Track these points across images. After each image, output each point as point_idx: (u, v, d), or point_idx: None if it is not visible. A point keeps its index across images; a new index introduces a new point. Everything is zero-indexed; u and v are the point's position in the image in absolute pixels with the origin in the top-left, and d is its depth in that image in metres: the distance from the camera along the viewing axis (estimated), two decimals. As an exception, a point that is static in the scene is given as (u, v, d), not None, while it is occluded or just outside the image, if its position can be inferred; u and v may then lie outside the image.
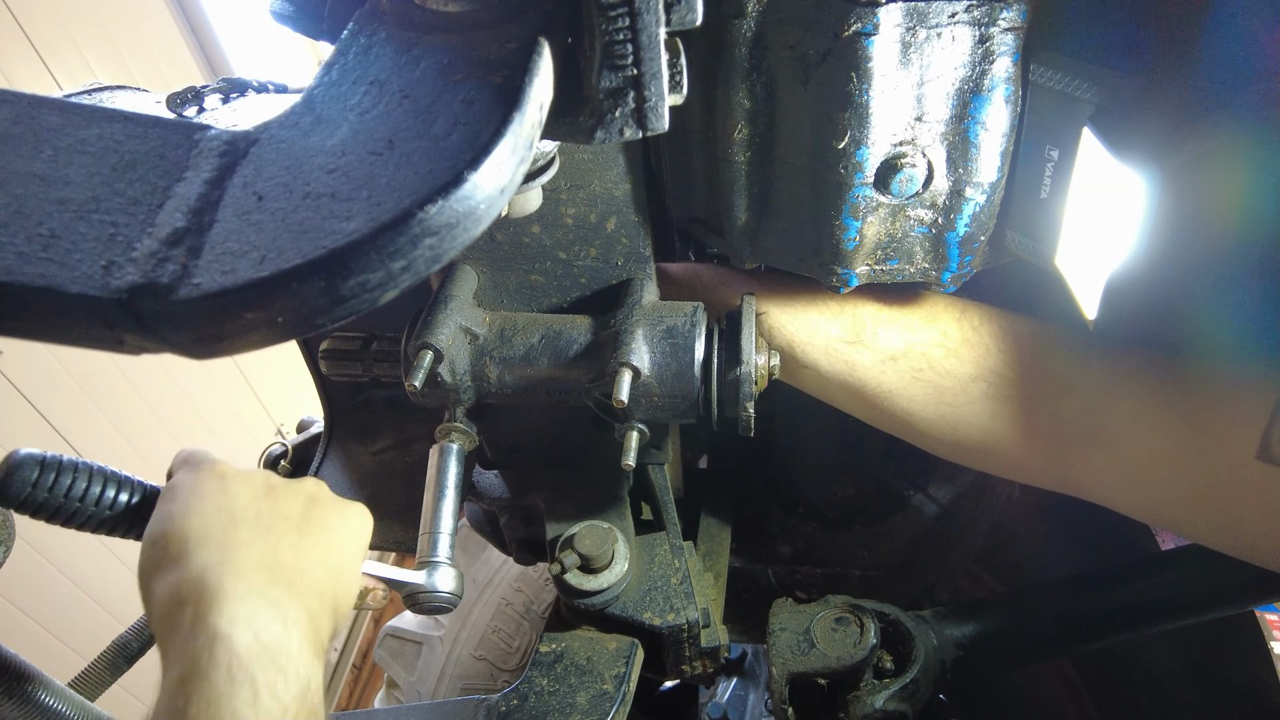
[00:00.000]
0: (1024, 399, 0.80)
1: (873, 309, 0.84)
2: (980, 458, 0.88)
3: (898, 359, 0.83)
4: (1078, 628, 0.99)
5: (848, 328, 0.84)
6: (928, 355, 0.82)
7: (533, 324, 0.79)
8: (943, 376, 0.82)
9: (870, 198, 0.69)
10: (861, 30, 0.60)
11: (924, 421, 0.84)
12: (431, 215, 0.36)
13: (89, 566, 2.43)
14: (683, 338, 0.75)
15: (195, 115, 0.82)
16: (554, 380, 0.78)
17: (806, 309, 0.85)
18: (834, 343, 0.84)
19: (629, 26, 0.41)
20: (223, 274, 0.35)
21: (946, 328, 0.82)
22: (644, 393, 0.75)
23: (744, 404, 0.76)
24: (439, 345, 0.74)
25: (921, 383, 0.82)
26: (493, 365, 0.77)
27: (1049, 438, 0.80)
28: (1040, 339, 0.81)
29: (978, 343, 0.81)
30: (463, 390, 0.78)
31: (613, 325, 0.76)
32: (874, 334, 0.83)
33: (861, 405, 0.89)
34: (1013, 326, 0.82)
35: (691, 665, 1.01)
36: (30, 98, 0.42)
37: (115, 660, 0.89)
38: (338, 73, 0.44)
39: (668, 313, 0.77)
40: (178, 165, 0.40)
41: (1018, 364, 0.80)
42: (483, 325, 0.78)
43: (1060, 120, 0.62)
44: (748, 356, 0.75)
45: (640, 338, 0.74)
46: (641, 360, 0.73)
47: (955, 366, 0.81)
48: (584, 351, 0.77)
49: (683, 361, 0.75)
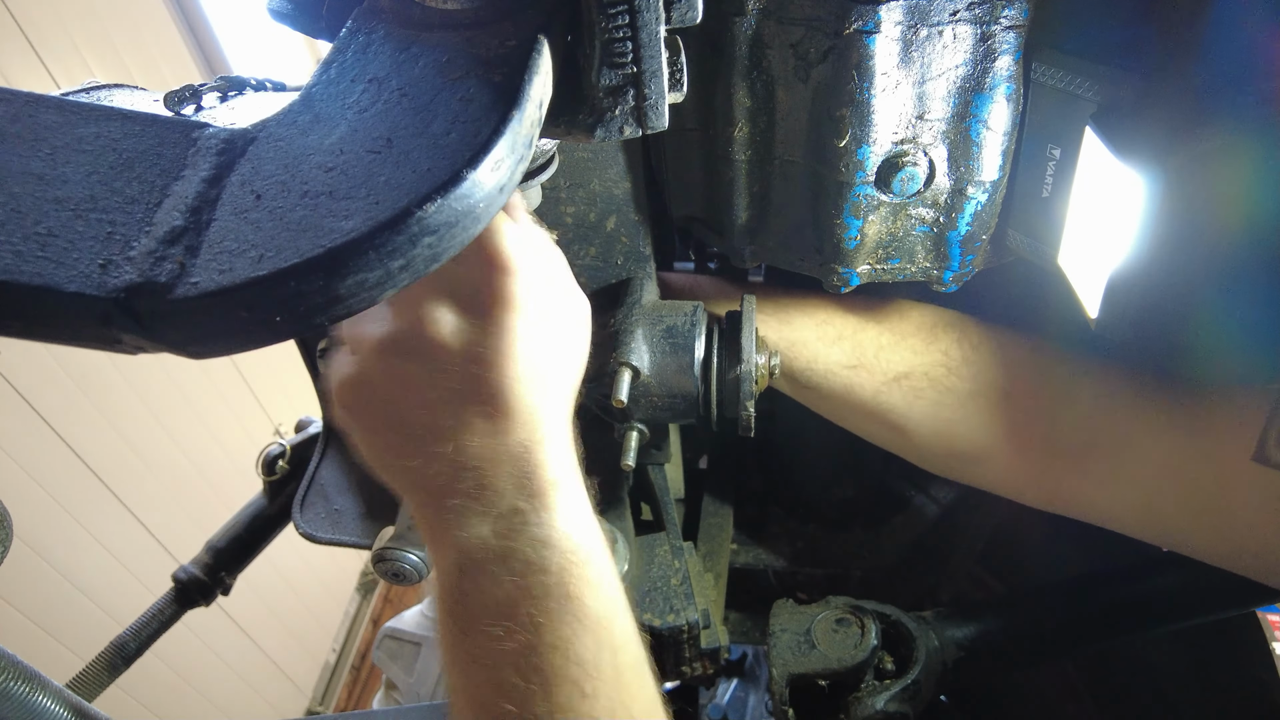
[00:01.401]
0: (1020, 413, 0.81)
1: (873, 332, 0.85)
2: (974, 472, 0.88)
3: (900, 381, 0.83)
4: (1080, 629, 0.99)
5: (849, 353, 0.84)
6: (930, 375, 0.82)
7: None
8: (943, 394, 0.82)
9: (871, 196, 0.69)
10: (862, 28, 0.60)
11: (920, 437, 0.85)
12: (430, 214, 0.36)
13: (88, 566, 2.43)
14: (682, 337, 0.75)
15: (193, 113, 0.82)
16: None
17: (806, 334, 0.86)
18: (835, 367, 0.85)
19: (629, 24, 0.40)
20: (220, 273, 0.35)
21: (948, 348, 0.83)
22: (643, 392, 0.75)
23: (744, 403, 0.75)
24: None
25: (923, 401, 0.83)
26: None
27: (1044, 451, 0.81)
28: (1037, 354, 0.82)
29: (976, 360, 0.82)
30: None
31: (612, 325, 0.76)
32: (875, 358, 0.84)
33: (861, 423, 0.89)
34: (1010, 343, 0.83)
35: (691, 666, 1.01)
36: (27, 96, 0.42)
37: (113, 660, 0.89)
38: (336, 71, 0.43)
39: (668, 312, 0.77)
40: (175, 164, 0.40)
41: (1015, 380, 0.81)
42: None
43: (1062, 119, 0.62)
44: (748, 355, 0.75)
45: (640, 337, 0.74)
46: (641, 359, 0.73)
47: (955, 384, 0.82)
48: None
49: (682, 361, 0.74)
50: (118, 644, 0.90)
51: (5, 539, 0.74)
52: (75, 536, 2.39)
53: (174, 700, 2.74)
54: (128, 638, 0.91)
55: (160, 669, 2.65)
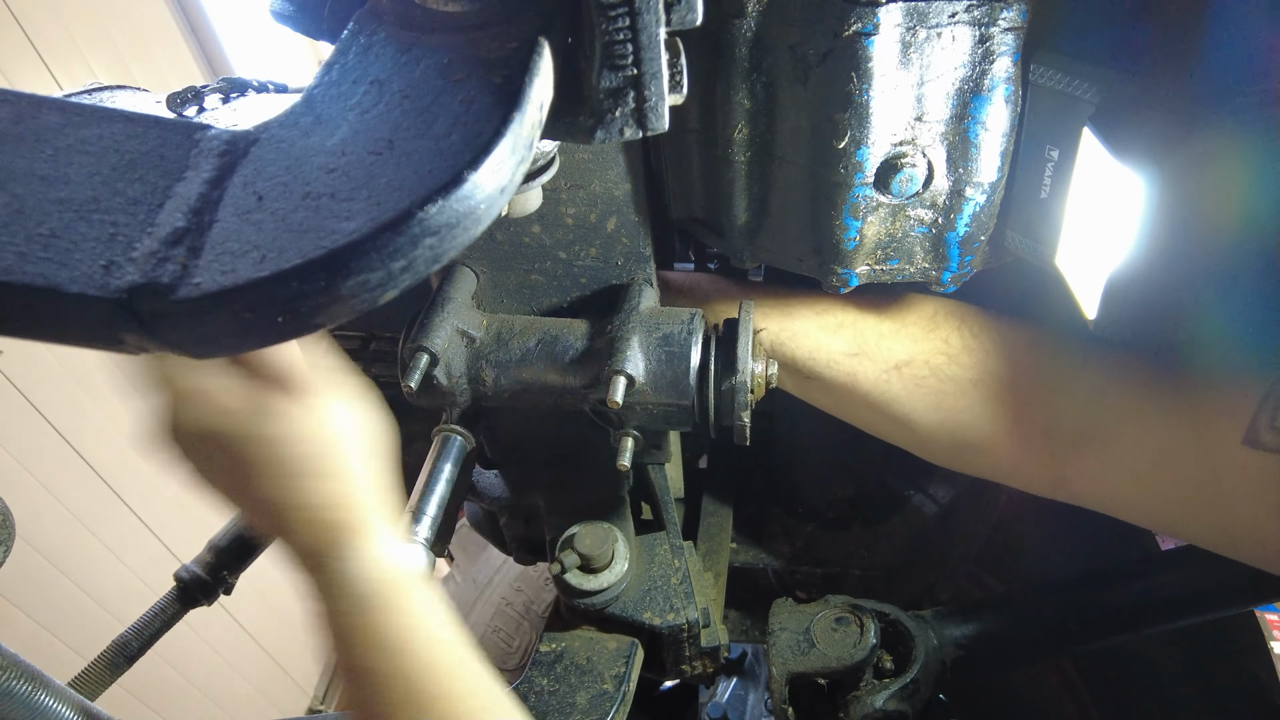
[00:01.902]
0: (1021, 402, 0.81)
1: (874, 320, 0.85)
2: (977, 462, 0.88)
3: (901, 368, 0.83)
4: (1078, 628, 0.99)
5: (850, 340, 0.85)
6: (930, 363, 0.83)
7: (530, 328, 0.79)
8: (944, 383, 0.82)
9: (870, 197, 0.69)
10: (861, 30, 0.60)
11: (924, 428, 0.85)
12: (431, 215, 0.36)
13: (90, 566, 2.43)
14: (679, 345, 0.74)
15: (195, 115, 0.82)
16: (549, 385, 0.77)
17: (807, 324, 0.86)
18: (836, 355, 0.85)
19: (629, 26, 0.41)
20: (223, 274, 0.35)
21: (948, 335, 0.83)
22: (638, 400, 0.74)
23: (739, 412, 0.75)
24: (435, 349, 0.74)
25: (923, 390, 0.83)
26: (489, 368, 0.77)
27: (1045, 439, 0.81)
28: (1037, 343, 0.82)
29: (977, 349, 0.82)
30: (459, 393, 0.78)
31: (609, 331, 0.75)
32: (876, 345, 0.84)
33: (864, 414, 0.89)
34: (1010, 331, 0.83)
35: (691, 665, 1.01)
36: (30, 97, 0.42)
37: (115, 659, 0.89)
38: (338, 72, 0.44)
39: (665, 319, 0.76)
40: (178, 165, 0.40)
41: (1015, 368, 0.81)
42: (479, 328, 0.78)
43: (1060, 120, 0.62)
44: (743, 364, 0.74)
45: (636, 345, 0.73)
46: (636, 368, 0.73)
47: (956, 373, 0.82)
48: (580, 357, 0.76)
49: (678, 370, 0.74)
50: (120, 643, 0.90)
51: (8, 538, 0.74)
52: (78, 536, 2.40)
53: (176, 699, 2.74)
54: (130, 636, 0.91)
55: (162, 668, 2.65)
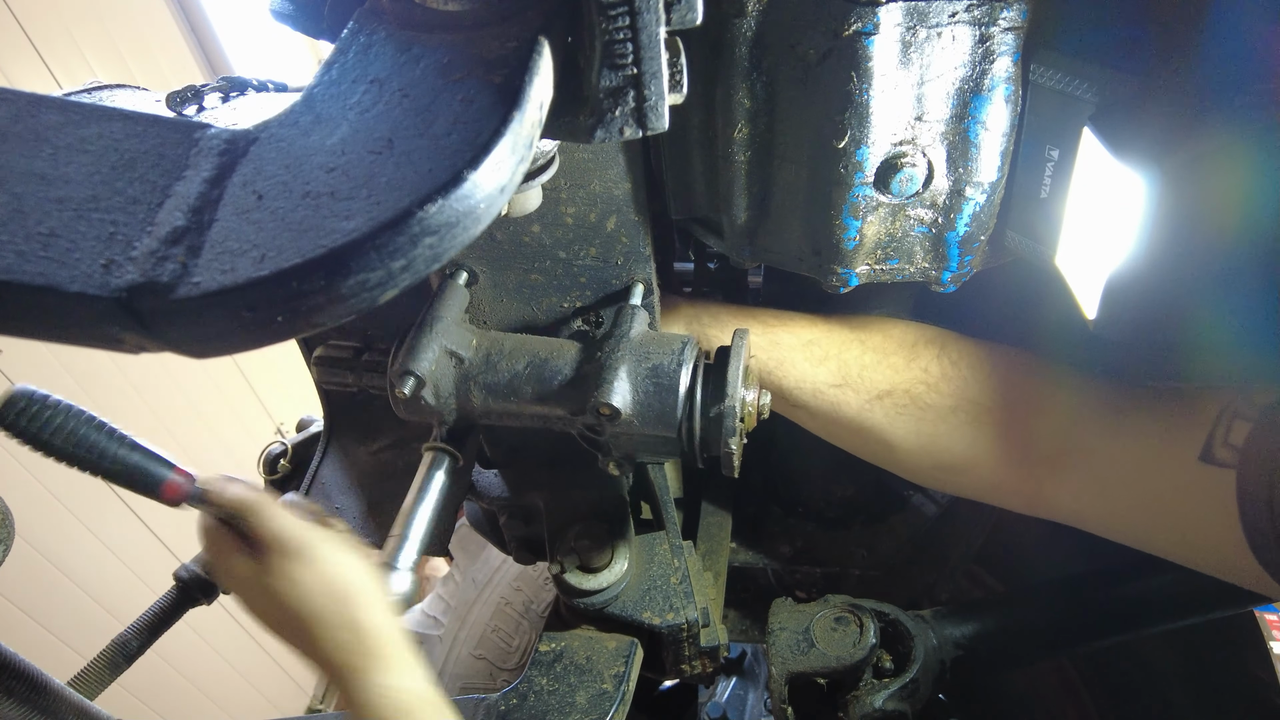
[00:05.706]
0: (999, 424, 0.83)
1: (857, 352, 0.88)
2: (958, 482, 0.91)
3: (883, 398, 0.86)
4: (1077, 627, 0.99)
5: (834, 372, 0.88)
6: (910, 393, 0.85)
7: (519, 349, 0.77)
8: (924, 410, 0.85)
9: (870, 197, 0.69)
10: (862, 30, 0.60)
11: (905, 452, 0.88)
12: (431, 214, 0.36)
13: (89, 566, 2.43)
14: (667, 378, 0.72)
15: (195, 114, 0.82)
16: (536, 411, 0.76)
17: (794, 354, 0.89)
18: (821, 386, 0.88)
19: (629, 26, 0.41)
20: (222, 273, 0.35)
21: (928, 365, 0.86)
22: (624, 430, 0.73)
23: (726, 440, 0.72)
24: (420, 372, 0.73)
25: (905, 417, 0.86)
26: (477, 390, 0.76)
27: (1023, 458, 0.83)
28: (1015, 366, 0.85)
29: (956, 376, 0.85)
30: (446, 413, 0.77)
31: (598, 358, 0.74)
32: (860, 376, 0.87)
33: (848, 439, 0.92)
34: (989, 356, 0.85)
35: (691, 664, 1.01)
36: (30, 96, 0.42)
37: (115, 659, 0.89)
38: (337, 71, 0.44)
39: (655, 348, 0.74)
40: (177, 164, 0.40)
41: (993, 392, 0.84)
42: (469, 348, 0.76)
43: (1060, 120, 0.62)
44: (733, 390, 0.72)
45: (624, 375, 0.72)
46: (624, 399, 0.71)
47: (936, 400, 0.85)
48: (568, 383, 0.74)
49: (665, 403, 0.72)
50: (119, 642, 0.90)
51: (8, 538, 0.74)
52: (77, 535, 2.40)
53: (176, 698, 2.74)
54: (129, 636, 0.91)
55: (162, 667, 2.65)
